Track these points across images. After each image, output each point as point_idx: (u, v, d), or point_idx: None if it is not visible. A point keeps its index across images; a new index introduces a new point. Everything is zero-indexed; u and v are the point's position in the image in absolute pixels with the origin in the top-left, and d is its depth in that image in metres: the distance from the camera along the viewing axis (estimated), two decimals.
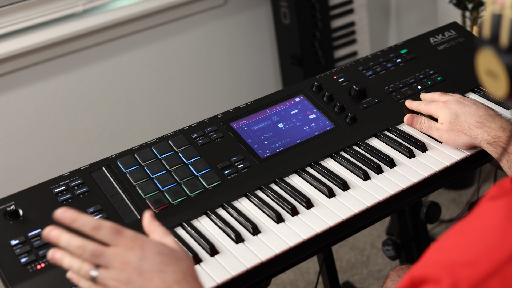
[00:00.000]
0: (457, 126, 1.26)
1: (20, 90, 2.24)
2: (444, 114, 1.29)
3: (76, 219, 0.85)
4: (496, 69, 0.74)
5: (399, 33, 3.11)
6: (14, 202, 1.16)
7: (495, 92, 0.76)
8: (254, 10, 2.69)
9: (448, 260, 0.70)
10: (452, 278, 0.67)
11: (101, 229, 0.85)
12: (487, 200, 0.75)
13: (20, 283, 1.04)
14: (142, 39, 2.44)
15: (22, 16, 2.16)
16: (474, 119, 1.24)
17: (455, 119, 1.26)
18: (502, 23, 0.73)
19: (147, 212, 0.92)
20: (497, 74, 0.74)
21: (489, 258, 0.68)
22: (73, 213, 0.85)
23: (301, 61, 2.60)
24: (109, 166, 1.25)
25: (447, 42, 1.59)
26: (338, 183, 1.23)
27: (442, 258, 0.71)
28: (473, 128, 1.24)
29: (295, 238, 1.12)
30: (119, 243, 0.85)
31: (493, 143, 1.21)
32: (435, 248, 0.74)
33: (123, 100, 2.47)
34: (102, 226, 0.85)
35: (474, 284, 0.67)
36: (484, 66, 0.76)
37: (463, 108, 1.27)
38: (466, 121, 1.25)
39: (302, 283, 2.36)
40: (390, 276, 1.40)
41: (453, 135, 1.27)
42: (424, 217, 1.61)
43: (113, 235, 0.85)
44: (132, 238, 0.85)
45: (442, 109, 1.29)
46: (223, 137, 1.32)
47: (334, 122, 1.38)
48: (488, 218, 0.73)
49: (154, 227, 0.91)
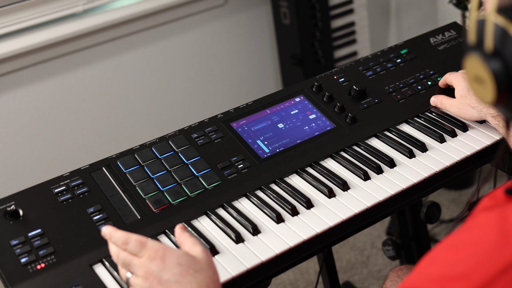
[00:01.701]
0: (466, 100, 1.32)
1: (20, 90, 2.24)
2: (458, 87, 1.36)
3: (111, 236, 0.95)
4: (482, 74, 0.74)
5: (399, 33, 3.12)
6: (14, 202, 1.16)
7: (483, 98, 0.75)
8: (254, 10, 2.69)
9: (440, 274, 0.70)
10: None
11: (128, 242, 0.93)
12: (480, 211, 0.75)
13: (20, 283, 1.04)
14: (142, 39, 2.44)
15: (22, 16, 2.16)
16: None
17: (465, 93, 1.33)
18: (486, 28, 0.73)
19: (178, 226, 0.99)
20: (484, 80, 0.73)
21: (480, 272, 0.68)
22: (108, 231, 0.96)
23: (301, 61, 2.60)
24: (109, 166, 1.25)
25: (447, 42, 1.59)
26: (338, 183, 1.23)
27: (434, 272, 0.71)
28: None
29: (295, 238, 1.12)
30: (144, 254, 0.93)
31: (497, 116, 1.27)
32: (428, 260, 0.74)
33: (123, 100, 2.47)
34: (129, 240, 0.93)
35: None
36: (471, 73, 0.75)
37: None
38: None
39: (302, 283, 2.36)
40: (390, 276, 1.40)
41: (462, 109, 1.34)
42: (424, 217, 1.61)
43: (139, 247, 0.93)
44: (155, 250, 0.92)
45: (459, 79, 1.37)
46: (223, 137, 1.32)
47: (334, 122, 1.38)
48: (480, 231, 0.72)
49: (184, 239, 0.97)
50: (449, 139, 1.33)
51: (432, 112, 1.41)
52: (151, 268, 0.91)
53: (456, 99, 1.36)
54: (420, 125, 1.37)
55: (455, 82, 1.37)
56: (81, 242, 1.10)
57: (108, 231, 0.96)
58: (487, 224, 0.72)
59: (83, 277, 1.05)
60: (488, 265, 0.68)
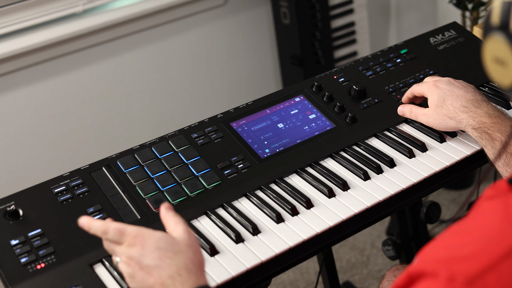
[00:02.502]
0: (442, 110, 1.26)
1: (20, 90, 2.24)
2: (432, 96, 1.29)
3: (90, 227, 0.96)
4: (505, 55, 0.75)
5: (399, 33, 3.12)
6: (14, 202, 1.16)
7: (502, 80, 0.77)
8: (254, 10, 2.69)
9: (445, 256, 0.71)
10: (448, 272, 0.68)
11: (107, 232, 0.94)
12: (484, 201, 0.76)
13: (20, 283, 1.04)
14: (142, 39, 2.45)
15: (22, 16, 2.16)
16: (461, 103, 1.24)
17: (441, 103, 1.27)
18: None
19: (163, 205, 0.99)
20: (506, 61, 0.75)
21: (486, 253, 0.69)
22: (85, 222, 0.96)
23: (301, 61, 2.60)
24: (109, 166, 1.25)
25: (447, 42, 1.59)
26: (338, 183, 1.23)
27: (440, 255, 0.72)
28: (458, 112, 1.24)
29: (295, 238, 1.12)
30: (124, 241, 0.94)
31: (478, 128, 1.21)
32: (431, 246, 0.74)
33: (123, 100, 2.47)
34: (108, 230, 0.94)
35: (470, 278, 0.67)
36: (491, 54, 0.77)
37: (452, 89, 1.27)
38: (452, 105, 1.25)
39: (302, 283, 2.36)
40: (386, 276, 1.40)
41: (438, 119, 1.27)
42: (424, 217, 1.61)
43: (118, 235, 0.94)
44: (134, 235, 0.93)
45: (432, 89, 1.29)
46: (223, 137, 1.32)
47: (334, 122, 1.38)
48: (486, 216, 0.74)
49: (167, 219, 0.97)
50: (449, 139, 1.33)
51: None
52: (131, 254, 0.92)
53: (430, 109, 1.29)
54: (420, 125, 1.36)
55: (428, 92, 1.30)
56: (81, 242, 1.10)
57: (85, 222, 0.96)
58: (491, 211, 0.73)
59: (83, 277, 1.05)
60: (493, 247, 0.69)
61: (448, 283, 0.67)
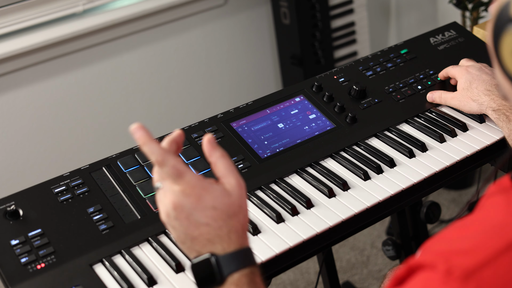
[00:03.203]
0: (468, 93, 1.34)
1: (20, 90, 2.24)
2: (461, 79, 1.37)
3: (146, 144, 0.87)
4: None
5: (399, 33, 3.12)
6: (14, 202, 1.16)
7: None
8: (254, 10, 2.69)
9: (445, 249, 0.71)
10: (446, 265, 0.68)
11: (164, 165, 0.86)
12: (487, 197, 0.76)
13: (20, 283, 1.04)
14: (142, 39, 2.45)
15: (22, 16, 2.16)
16: (485, 87, 1.33)
17: (468, 86, 1.35)
18: None
19: (206, 137, 0.89)
20: None
21: (486, 247, 0.69)
22: (143, 136, 0.87)
23: (301, 61, 2.60)
24: (109, 166, 1.25)
25: (447, 42, 1.59)
26: (338, 183, 1.23)
27: (440, 247, 0.72)
28: (481, 95, 1.32)
29: (295, 238, 1.12)
30: (179, 184, 0.86)
31: (497, 110, 1.29)
32: (435, 239, 0.75)
33: (123, 100, 2.47)
34: (166, 163, 0.86)
35: (468, 271, 0.67)
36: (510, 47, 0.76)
37: (480, 75, 1.35)
38: (477, 88, 1.33)
39: (302, 283, 2.36)
40: (388, 276, 1.40)
41: (463, 102, 1.35)
42: (424, 217, 1.61)
43: (174, 175, 0.86)
44: (192, 186, 0.86)
45: (463, 72, 1.38)
46: (223, 137, 1.32)
47: (334, 122, 1.38)
48: (487, 211, 0.74)
49: (216, 160, 0.89)
50: (449, 139, 1.33)
51: (432, 112, 1.41)
52: (183, 203, 0.86)
53: (458, 92, 1.37)
54: (420, 125, 1.37)
55: (458, 74, 1.38)
56: (81, 242, 1.10)
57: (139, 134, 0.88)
58: (494, 206, 0.74)
59: (83, 277, 1.05)
60: (494, 241, 0.69)
61: (446, 276, 0.68)
